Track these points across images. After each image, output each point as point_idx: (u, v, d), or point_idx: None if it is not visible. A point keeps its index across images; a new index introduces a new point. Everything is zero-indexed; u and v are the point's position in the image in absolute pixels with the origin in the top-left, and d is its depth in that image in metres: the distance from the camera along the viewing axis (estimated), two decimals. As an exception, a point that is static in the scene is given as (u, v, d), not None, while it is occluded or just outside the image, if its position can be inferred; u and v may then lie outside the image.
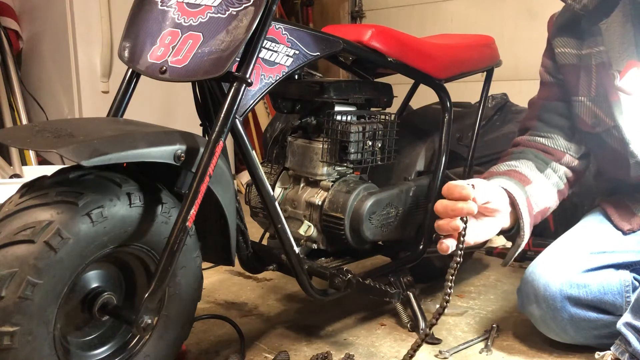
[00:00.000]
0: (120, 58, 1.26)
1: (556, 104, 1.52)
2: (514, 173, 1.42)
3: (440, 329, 1.57)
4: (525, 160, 1.47)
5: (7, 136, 1.12)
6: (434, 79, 1.65)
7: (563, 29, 1.47)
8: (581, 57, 1.43)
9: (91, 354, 1.13)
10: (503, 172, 1.43)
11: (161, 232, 1.11)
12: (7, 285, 0.93)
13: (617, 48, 1.37)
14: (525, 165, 1.45)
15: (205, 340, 1.52)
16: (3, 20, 3.08)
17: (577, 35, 1.44)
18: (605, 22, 1.38)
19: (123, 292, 1.17)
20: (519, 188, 1.36)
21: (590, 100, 1.43)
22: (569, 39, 1.46)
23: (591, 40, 1.41)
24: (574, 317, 1.37)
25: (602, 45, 1.39)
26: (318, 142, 1.50)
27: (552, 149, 1.51)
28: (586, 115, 1.44)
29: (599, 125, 1.42)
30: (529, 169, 1.45)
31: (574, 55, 1.45)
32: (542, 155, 1.50)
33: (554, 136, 1.51)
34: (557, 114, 1.52)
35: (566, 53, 1.46)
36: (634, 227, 1.44)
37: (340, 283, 1.39)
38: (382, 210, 1.51)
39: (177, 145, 1.09)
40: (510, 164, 1.46)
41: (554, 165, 1.50)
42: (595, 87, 1.41)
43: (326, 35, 1.38)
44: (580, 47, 1.43)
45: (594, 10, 1.38)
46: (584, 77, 1.43)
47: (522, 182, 1.40)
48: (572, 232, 1.52)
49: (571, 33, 1.45)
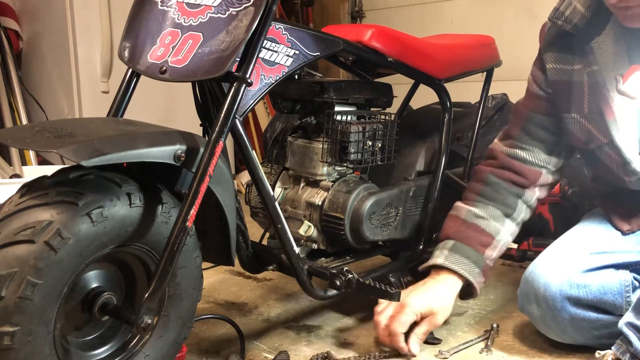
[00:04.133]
0: (120, 58, 1.26)
1: (541, 118, 1.51)
2: (477, 232, 1.48)
3: (441, 329, 1.57)
4: (493, 208, 1.50)
5: (7, 136, 1.11)
6: (434, 79, 1.65)
7: (554, 43, 1.46)
8: (573, 73, 1.42)
9: (91, 354, 1.13)
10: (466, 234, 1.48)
11: (161, 232, 1.11)
12: (7, 285, 0.93)
13: (611, 66, 1.36)
14: (492, 217, 1.50)
15: (205, 340, 1.52)
16: (3, 20, 3.08)
17: (568, 50, 1.43)
18: (597, 41, 1.37)
19: (123, 292, 1.17)
20: (475, 266, 1.46)
21: (583, 117, 1.41)
22: (560, 54, 1.44)
23: (583, 59, 1.39)
24: (574, 317, 1.37)
25: (595, 64, 1.37)
26: (318, 142, 1.50)
27: (528, 170, 1.50)
28: (579, 132, 1.43)
29: (592, 142, 1.42)
30: (495, 221, 1.50)
31: (565, 72, 1.43)
32: (515, 189, 1.51)
33: (534, 149, 1.51)
34: (542, 127, 1.51)
35: (557, 69, 1.45)
36: (634, 228, 1.44)
37: (340, 283, 1.39)
38: (382, 210, 1.51)
39: (177, 145, 1.09)
40: (477, 214, 1.50)
41: (526, 196, 1.52)
42: (588, 104, 1.40)
43: (326, 35, 1.38)
44: (571, 62, 1.42)
45: (585, 29, 1.37)
46: (576, 94, 1.42)
47: (482, 248, 1.48)
48: (572, 233, 1.52)
49: (562, 48, 1.44)
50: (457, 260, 1.45)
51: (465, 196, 1.55)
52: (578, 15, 1.36)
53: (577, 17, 1.36)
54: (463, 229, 1.49)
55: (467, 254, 1.46)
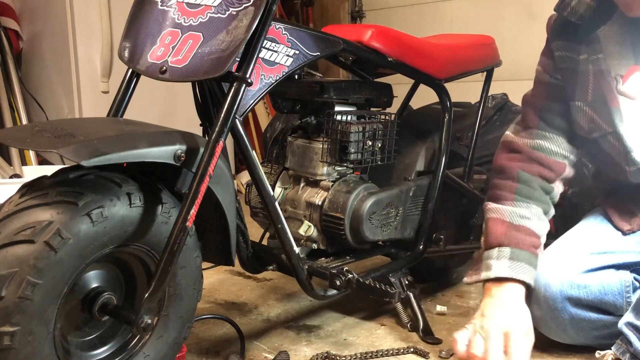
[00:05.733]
0: (120, 58, 1.26)
1: (556, 105, 1.49)
2: (527, 235, 1.40)
3: (441, 329, 1.57)
4: (535, 207, 1.43)
5: (7, 136, 1.11)
6: (434, 79, 1.65)
7: (561, 32, 1.46)
8: (579, 61, 1.42)
9: (91, 354, 1.13)
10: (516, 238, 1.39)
11: (161, 232, 1.11)
12: (7, 285, 0.93)
13: (616, 55, 1.36)
14: (536, 216, 1.43)
15: (205, 340, 1.52)
16: (3, 20, 3.08)
17: (575, 39, 1.43)
18: (603, 30, 1.37)
19: (123, 292, 1.17)
20: (533, 269, 1.37)
21: (588, 106, 1.41)
22: (566, 42, 1.45)
23: (589, 47, 1.39)
24: (575, 318, 1.37)
25: (600, 52, 1.37)
26: (318, 142, 1.50)
27: (554, 162, 1.47)
28: (583, 120, 1.43)
29: (596, 131, 1.41)
30: (539, 220, 1.43)
31: (571, 60, 1.44)
32: (545, 184, 1.47)
33: (557, 138, 1.47)
34: (559, 115, 1.48)
35: (564, 57, 1.45)
36: (634, 228, 1.44)
37: (340, 283, 1.39)
38: (382, 210, 1.51)
39: (177, 145, 1.09)
40: (523, 215, 1.42)
41: (553, 193, 1.48)
42: (592, 92, 1.40)
43: (326, 35, 1.38)
44: (578, 51, 1.42)
45: (591, 19, 1.37)
46: (581, 82, 1.42)
47: (534, 248, 1.39)
48: (572, 233, 1.52)
49: (569, 37, 1.44)
50: (521, 269, 1.35)
51: (500, 195, 1.47)
52: (584, 6, 1.35)
53: (583, 8, 1.35)
54: (514, 233, 1.40)
55: (527, 259, 1.37)
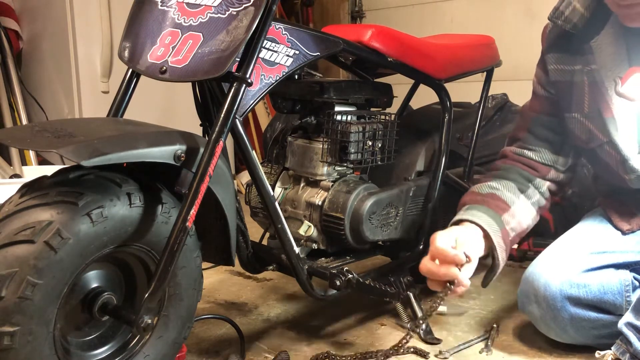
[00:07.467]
0: (120, 58, 1.26)
1: (546, 119, 1.53)
2: (493, 199, 1.44)
3: (441, 329, 1.57)
4: (506, 182, 1.49)
5: (7, 136, 1.12)
6: (434, 79, 1.65)
7: (555, 44, 1.47)
8: (573, 73, 1.43)
9: (91, 354, 1.13)
10: (482, 199, 1.44)
11: (161, 232, 1.11)
12: (7, 285, 0.93)
13: (609, 65, 1.37)
14: (505, 188, 1.47)
15: (205, 340, 1.52)
16: (3, 20, 3.08)
17: (569, 50, 1.44)
18: (596, 40, 1.38)
19: (123, 292, 1.17)
20: (493, 222, 1.39)
21: (584, 117, 1.43)
22: (561, 55, 1.46)
23: (583, 58, 1.40)
24: (574, 317, 1.37)
25: (593, 63, 1.38)
26: (318, 142, 1.50)
27: (538, 165, 1.52)
28: (580, 131, 1.45)
29: (593, 141, 1.43)
30: (510, 192, 1.47)
31: (566, 72, 1.45)
32: (527, 173, 1.51)
33: (541, 150, 1.52)
34: (547, 127, 1.53)
35: (559, 70, 1.47)
36: (634, 227, 1.44)
37: (340, 283, 1.39)
38: (382, 210, 1.51)
39: (177, 145, 1.09)
40: (492, 186, 1.48)
41: (537, 182, 1.51)
42: (588, 104, 1.41)
43: (326, 36, 1.38)
44: (572, 63, 1.43)
45: (585, 28, 1.38)
46: (576, 94, 1.43)
47: (500, 210, 1.42)
48: (572, 232, 1.52)
49: (563, 49, 1.45)
50: (474, 215, 1.39)
51: (479, 181, 1.53)
52: (577, 15, 1.37)
53: (576, 17, 1.38)
54: (479, 198, 1.45)
55: (484, 211, 1.40)
